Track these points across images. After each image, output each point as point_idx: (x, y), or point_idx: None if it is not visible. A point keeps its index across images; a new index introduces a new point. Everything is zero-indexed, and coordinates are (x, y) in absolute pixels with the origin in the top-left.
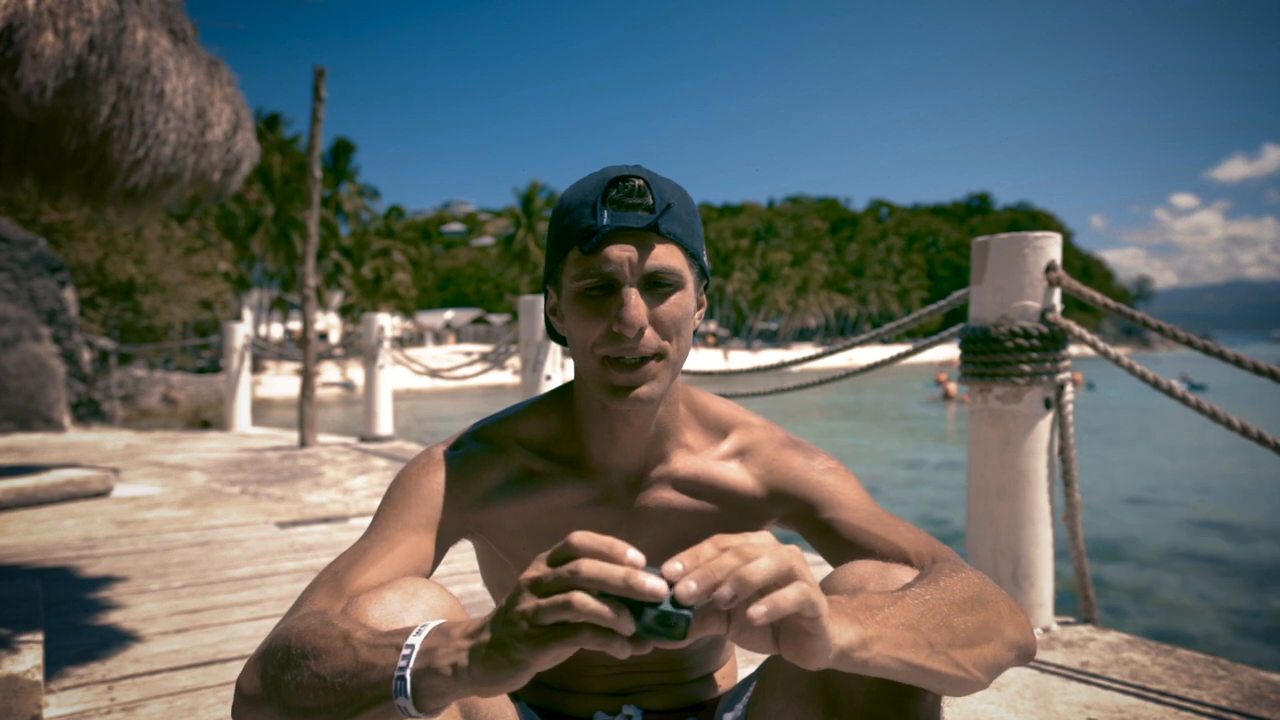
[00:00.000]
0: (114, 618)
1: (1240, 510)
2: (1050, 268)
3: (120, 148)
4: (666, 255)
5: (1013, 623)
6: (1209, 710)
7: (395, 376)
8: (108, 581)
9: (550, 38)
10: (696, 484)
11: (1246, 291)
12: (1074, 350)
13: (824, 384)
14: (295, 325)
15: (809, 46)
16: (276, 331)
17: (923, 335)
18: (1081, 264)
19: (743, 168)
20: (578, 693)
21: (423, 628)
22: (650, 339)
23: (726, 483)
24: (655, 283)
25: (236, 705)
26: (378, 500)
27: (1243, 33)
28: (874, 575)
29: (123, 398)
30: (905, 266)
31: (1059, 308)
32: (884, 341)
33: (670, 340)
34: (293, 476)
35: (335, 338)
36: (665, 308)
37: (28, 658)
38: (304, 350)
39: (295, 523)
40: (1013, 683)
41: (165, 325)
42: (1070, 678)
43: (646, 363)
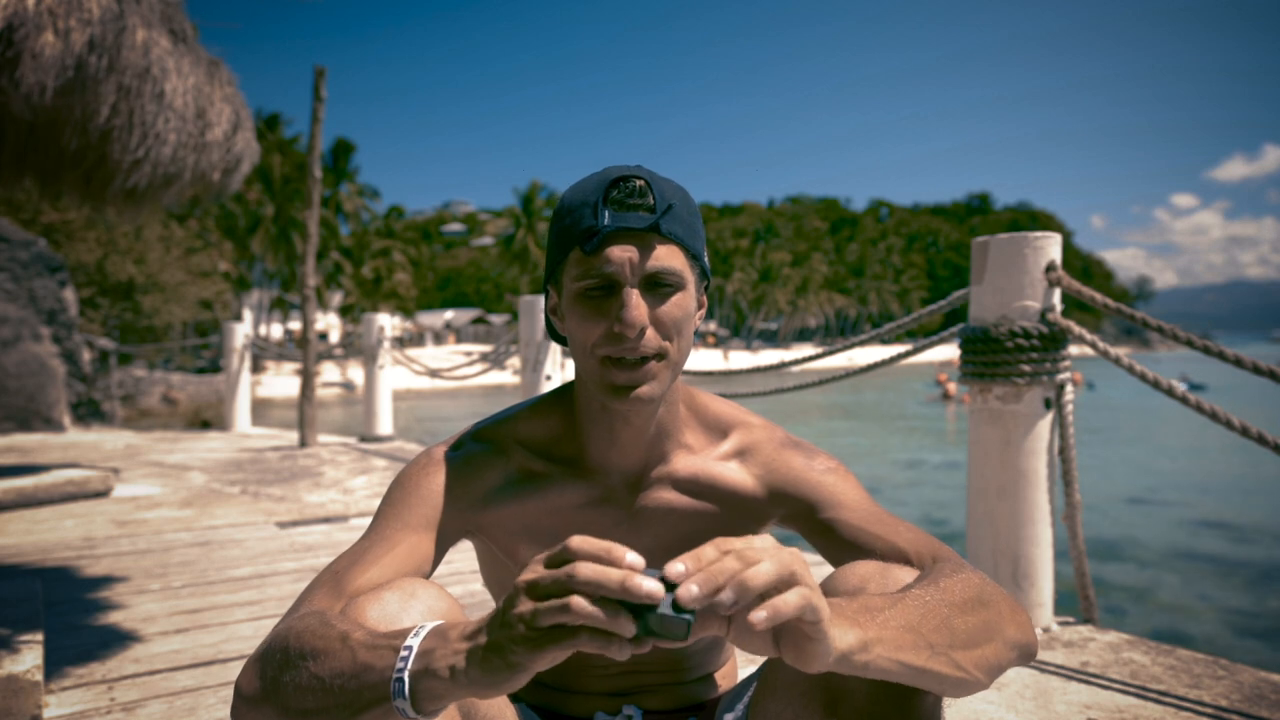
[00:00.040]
0: (114, 618)
1: (1240, 510)
2: (1050, 268)
3: (120, 148)
4: (667, 256)
5: (1014, 623)
6: (1209, 710)
7: (395, 376)
8: (108, 581)
9: (550, 38)
10: (697, 484)
11: (1246, 291)
12: (1074, 350)
13: (824, 384)
14: (295, 325)
15: (809, 46)
16: (276, 331)
17: (923, 335)
18: (1081, 264)
19: (743, 168)
20: (578, 693)
21: (420, 629)
22: (651, 339)
23: (727, 483)
24: (656, 283)
25: (236, 706)
26: (378, 500)
27: (1243, 33)
28: (875, 576)
29: (123, 398)
30: (905, 266)
31: (1059, 308)
32: (884, 341)
33: (671, 341)
34: (293, 476)
35: (335, 338)
36: (666, 308)
37: (28, 658)
38: (304, 350)
39: (295, 523)
40: (1013, 683)
41: (165, 325)
42: (1070, 678)
43: (647, 362)
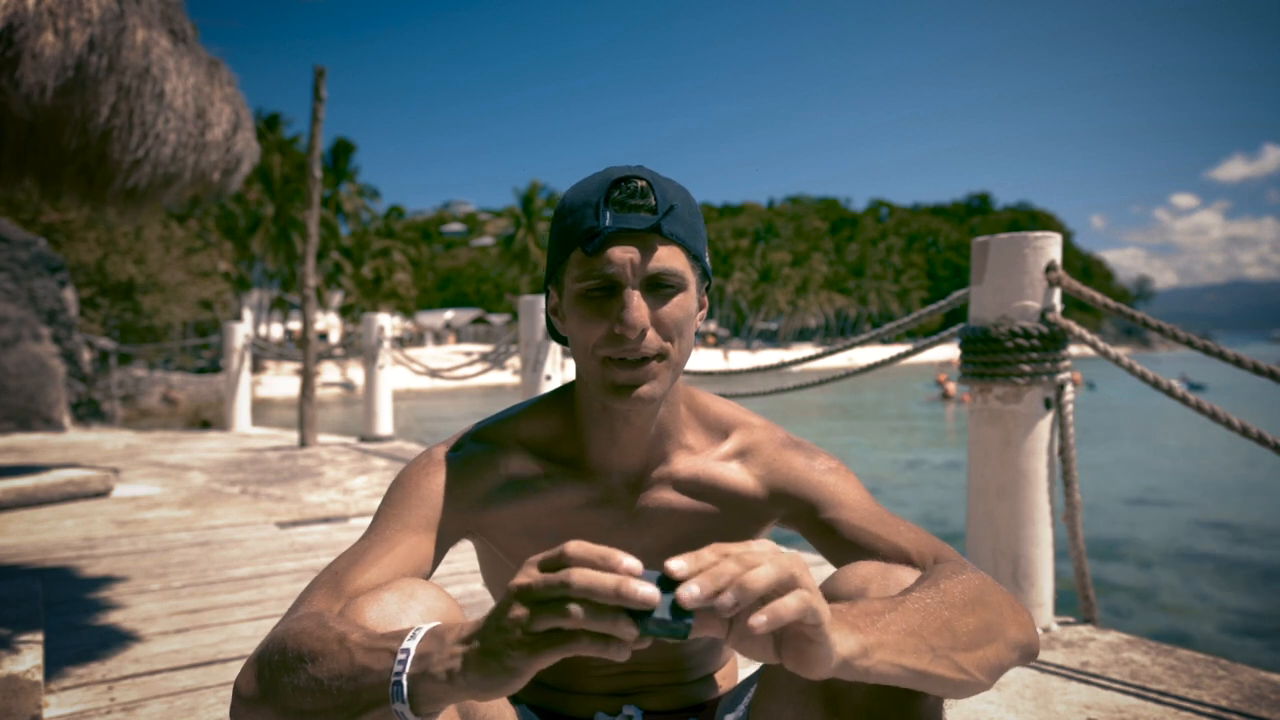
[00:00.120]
0: (114, 618)
1: (1240, 510)
2: (1050, 268)
3: (120, 148)
4: (669, 257)
5: (1015, 623)
6: (1209, 710)
7: (395, 376)
8: (108, 581)
9: (550, 38)
10: (697, 485)
11: (1246, 291)
12: (1074, 350)
13: (824, 384)
14: (295, 325)
15: (809, 46)
16: (276, 331)
17: (923, 335)
18: (1081, 264)
19: (743, 168)
20: (578, 693)
21: (416, 631)
22: (652, 340)
23: (727, 483)
24: (657, 284)
25: (234, 706)
26: (378, 500)
27: (1243, 33)
28: (876, 576)
29: (123, 398)
30: (905, 266)
31: (1059, 308)
32: (884, 341)
33: (672, 341)
34: (293, 476)
35: (335, 338)
36: (667, 309)
37: (28, 658)
38: (304, 350)
39: (295, 523)
40: (1013, 683)
41: (165, 325)
42: (1070, 678)
43: (648, 362)
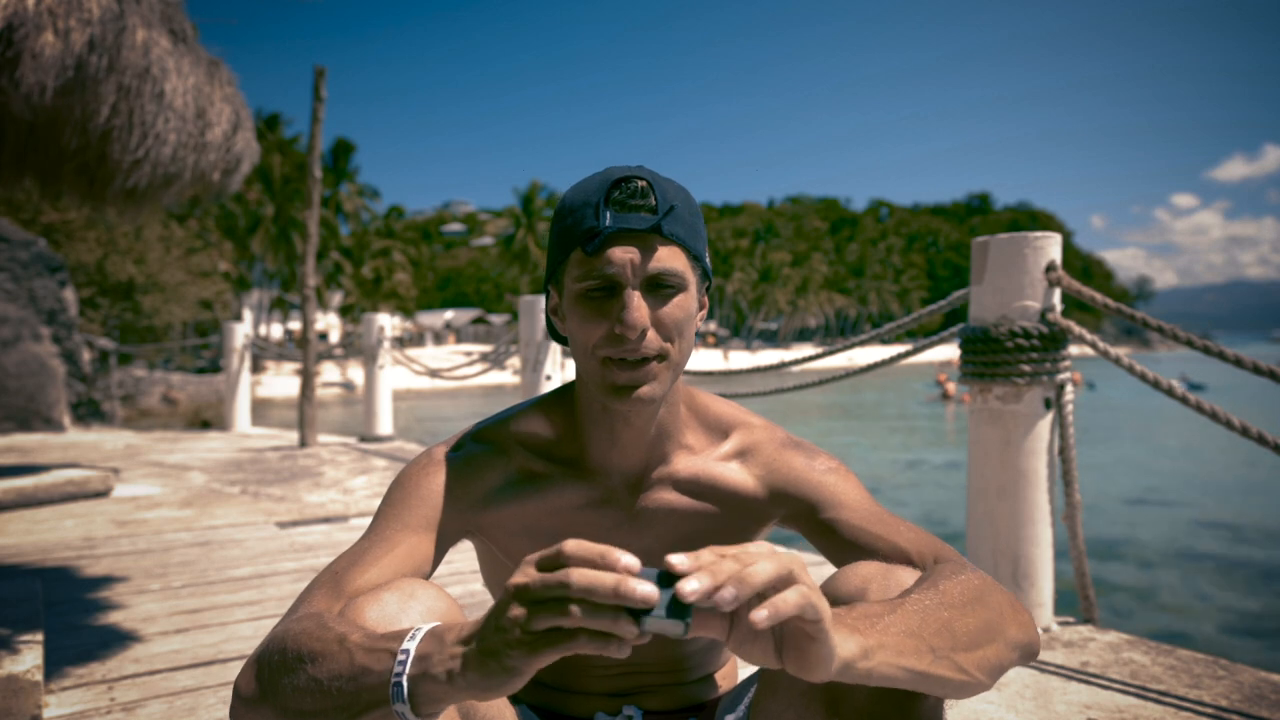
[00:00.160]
0: (114, 618)
1: (1240, 510)
2: (1050, 268)
3: (120, 148)
4: (669, 257)
5: (1015, 622)
6: (1209, 710)
7: (395, 376)
8: (108, 581)
9: (550, 38)
10: (697, 485)
11: (1246, 291)
12: (1074, 350)
13: (824, 384)
14: (295, 325)
15: (809, 46)
16: (276, 331)
17: (923, 335)
18: (1081, 264)
19: (743, 168)
20: (578, 693)
21: (415, 632)
22: (652, 341)
23: (727, 483)
24: (657, 284)
25: (234, 707)
26: (378, 500)
27: (1243, 33)
28: (876, 577)
29: (123, 398)
30: (905, 266)
31: (1059, 308)
32: (884, 341)
33: (672, 342)
34: (293, 476)
35: (335, 338)
36: (668, 310)
37: (28, 658)
38: (304, 350)
39: (295, 523)
40: (1013, 683)
41: (165, 325)
42: (1070, 678)
43: (648, 362)
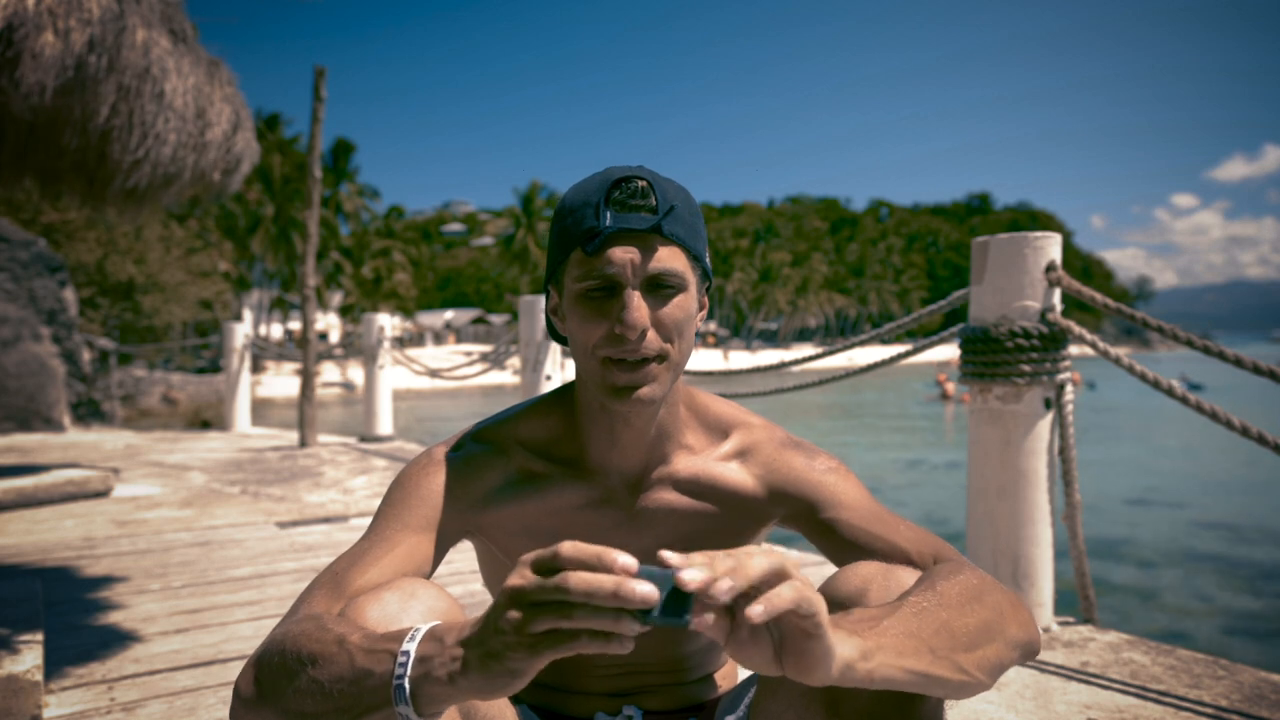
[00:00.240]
0: (114, 618)
1: (1240, 510)
2: (1050, 268)
3: (120, 148)
4: (669, 257)
5: (1015, 621)
6: (1209, 710)
7: (395, 376)
8: (108, 581)
9: (550, 38)
10: (697, 485)
11: (1246, 291)
12: (1074, 350)
13: (824, 384)
14: (295, 325)
15: (809, 46)
16: (276, 331)
17: (923, 335)
18: (1081, 264)
19: (743, 168)
20: (578, 693)
21: (415, 633)
22: (652, 341)
23: (727, 483)
24: (658, 285)
25: (234, 708)
26: (378, 500)
27: (1243, 33)
28: (876, 577)
29: (123, 398)
30: (905, 266)
31: (1059, 308)
32: (884, 341)
33: (672, 342)
34: (293, 476)
35: (335, 338)
36: (668, 310)
37: (28, 658)
38: (304, 350)
39: (295, 523)
40: (1013, 683)
41: (165, 325)
42: (1070, 678)
43: (648, 363)
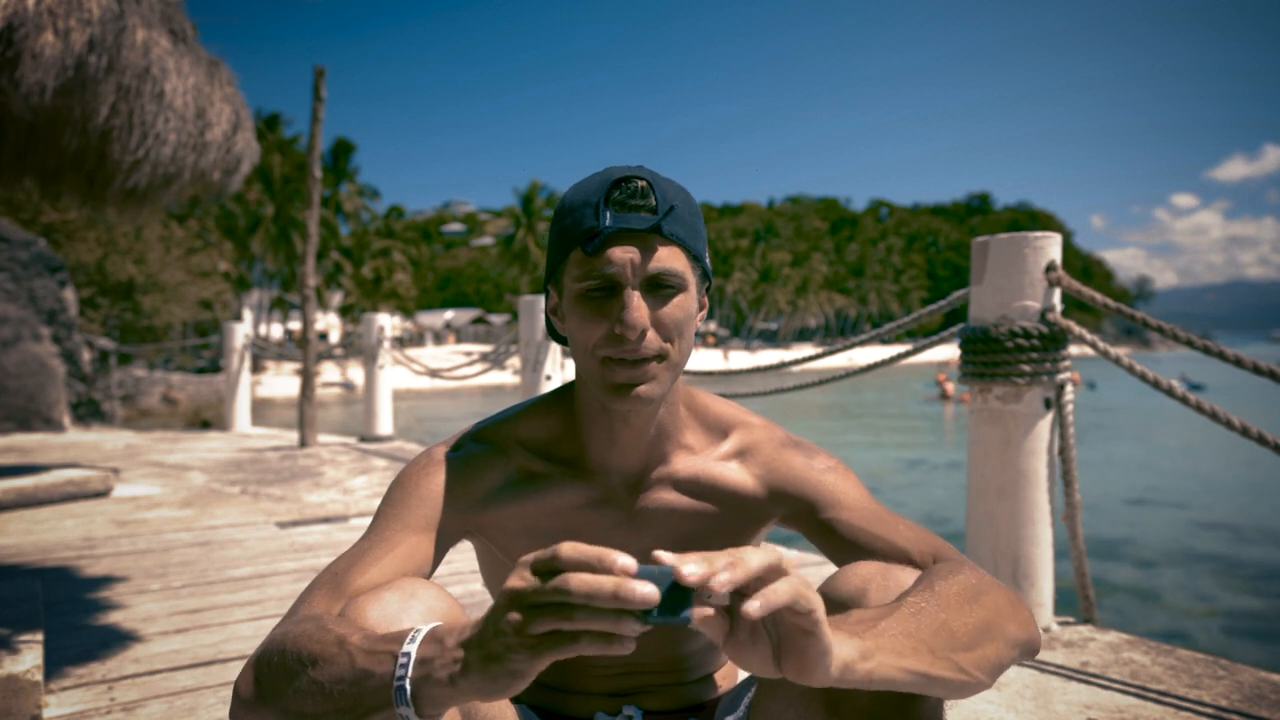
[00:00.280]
0: (114, 618)
1: (1240, 510)
2: (1050, 268)
3: (120, 148)
4: (669, 257)
5: (1015, 620)
6: (1209, 710)
7: (395, 376)
8: (108, 581)
9: (550, 38)
10: (697, 485)
11: (1246, 291)
12: (1074, 350)
13: (824, 384)
14: (295, 325)
15: (809, 46)
16: (276, 331)
17: (923, 335)
18: (1081, 264)
19: (743, 168)
20: (578, 693)
21: (415, 634)
22: (652, 341)
23: (727, 483)
24: (657, 285)
25: (234, 708)
26: (378, 500)
27: (1243, 33)
28: (876, 577)
29: (123, 398)
30: (905, 266)
31: (1059, 308)
32: (884, 341)
33: (672, 342)
34: (293, 476)
35: (335, 338)
36: (667, 310)
37: (28, 658)
38: (304, 350)
39: (295, 523)
40: (1013, 683)
41: (165, 325)
42: (1070, 678)
43: (648, 362)
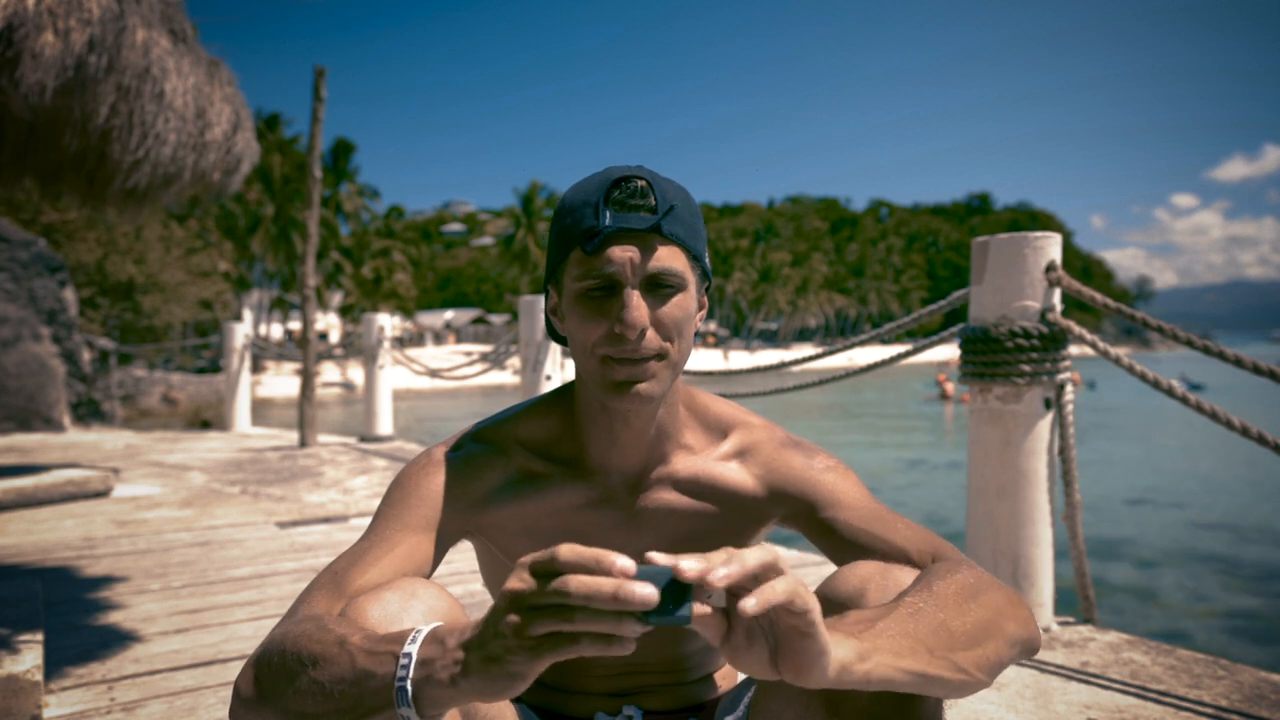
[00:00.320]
0: (114, 618)
1: (1240, 510)
2: (1050, 268)
3: (120, 148)
4: (669, 257)
5: (1014, 618)
6: (1209, 710)
7: (395, 376)
8: (108, 581)
9: (550, 38)
10: (697, 484)
11: (1246, 291)
12: (1074, 350)
13: (824, 384)
14: (295, 325)
15: (809, 46)
16: (276, 331)
17: (923, 335)
18: (1081, 264)
19: (743, 168)
20: (578, 693)
21: (416, 634)
22: (652, 340)
23: (727, 483)
24: (657, 284)
25: (234, 708)
26: (378, 500)
27: (1243, 33)
28: (875, 576)
29: (123, 398)
30: (905, 266)
31: (1059, 308)
32: (884, 341)
33: (672, 341)
34: (293, 476)
35: (335, 338)
36: (667, 309)
37: (28, 658)
38: (304, 350)
39: (295, 523)
40: (1013, 683)
41: (165, 325)
42: (1070, 678)
43: (648, 360)
